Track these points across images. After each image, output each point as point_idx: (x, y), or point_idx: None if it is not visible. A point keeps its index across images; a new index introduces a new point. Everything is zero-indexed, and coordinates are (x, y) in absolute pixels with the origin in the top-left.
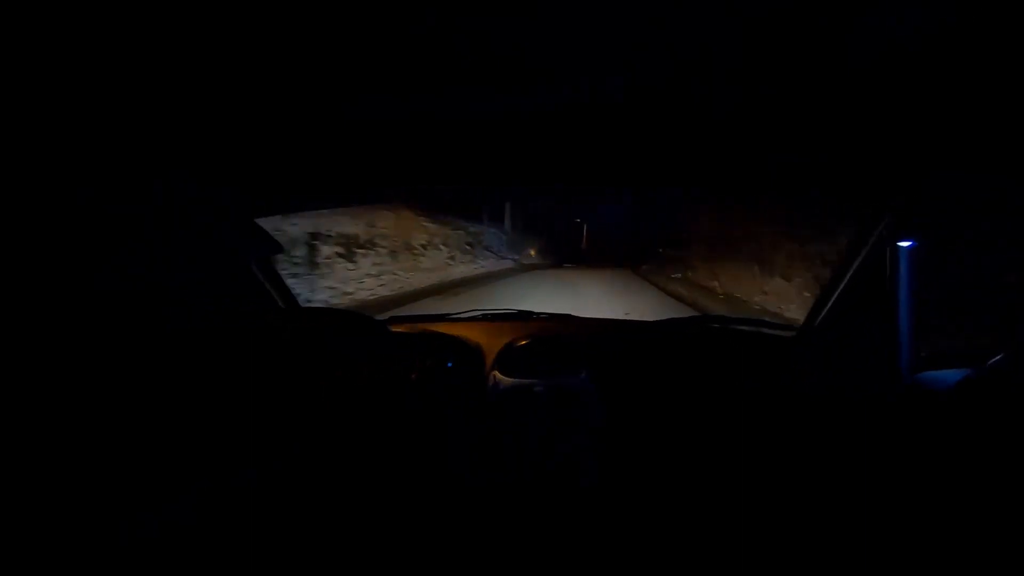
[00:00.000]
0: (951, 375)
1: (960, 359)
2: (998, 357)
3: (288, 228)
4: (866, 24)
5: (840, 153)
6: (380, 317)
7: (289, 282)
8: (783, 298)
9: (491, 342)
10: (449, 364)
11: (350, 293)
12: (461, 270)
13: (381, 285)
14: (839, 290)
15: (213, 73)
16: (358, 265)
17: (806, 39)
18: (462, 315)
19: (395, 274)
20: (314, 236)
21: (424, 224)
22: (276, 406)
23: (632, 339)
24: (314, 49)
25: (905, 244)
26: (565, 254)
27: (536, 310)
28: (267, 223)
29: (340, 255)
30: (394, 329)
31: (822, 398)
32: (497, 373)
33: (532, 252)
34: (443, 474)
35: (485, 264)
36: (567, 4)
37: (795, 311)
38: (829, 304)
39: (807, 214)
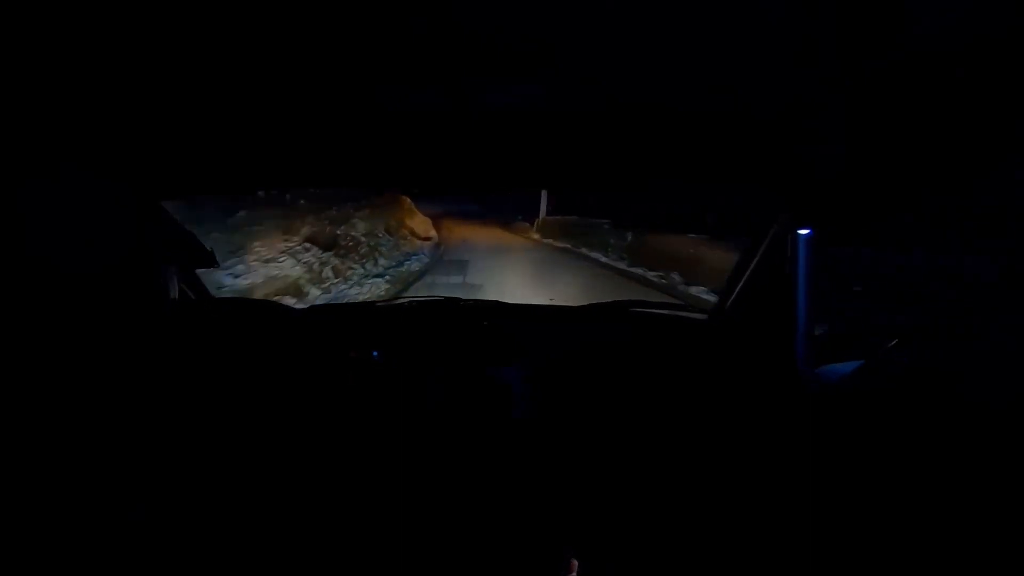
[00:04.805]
0: (848, 365)
1: (857, 346)
2: (893, 343)
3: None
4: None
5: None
6: (300, 307)
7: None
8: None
9: (418, 330)
10: (375, 354)
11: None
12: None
13: None
14: (745, 276)
15: (222, 69)
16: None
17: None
18: (387, 303)
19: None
20: None
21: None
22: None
23: (558, 325)
24: (312, 45)
25: (804, 232)
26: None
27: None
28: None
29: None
30: (316, 319)
31: (731, 384)
32: (425, 362)
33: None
34: (373, 467)
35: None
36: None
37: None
38: (736, 290)
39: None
